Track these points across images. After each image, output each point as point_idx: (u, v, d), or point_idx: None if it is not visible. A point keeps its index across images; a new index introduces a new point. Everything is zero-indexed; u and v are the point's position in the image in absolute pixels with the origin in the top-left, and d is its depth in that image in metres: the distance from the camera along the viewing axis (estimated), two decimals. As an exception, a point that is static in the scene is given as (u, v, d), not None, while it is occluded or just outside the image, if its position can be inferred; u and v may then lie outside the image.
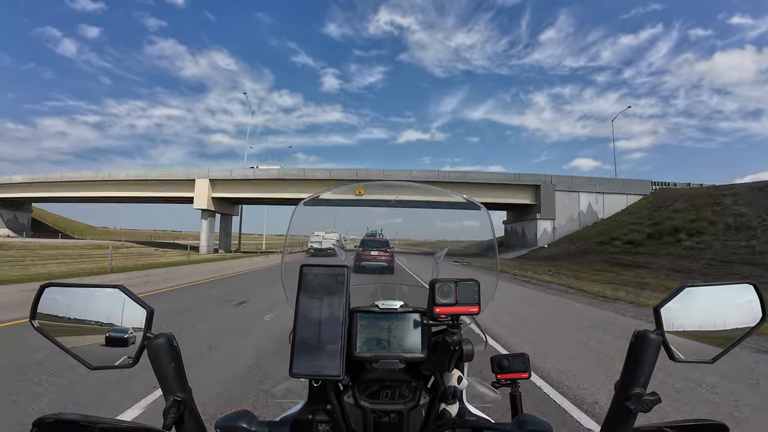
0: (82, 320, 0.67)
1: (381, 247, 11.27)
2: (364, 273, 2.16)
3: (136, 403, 3.10)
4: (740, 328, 0.69)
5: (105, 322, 0.67)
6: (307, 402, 0.89)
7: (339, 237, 10.91)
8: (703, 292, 0.70)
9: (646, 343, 0.65)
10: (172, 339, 0.66)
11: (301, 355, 0.70)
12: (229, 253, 37.87)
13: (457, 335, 0.79)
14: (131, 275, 13.58)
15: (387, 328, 0.87)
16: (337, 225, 1.44)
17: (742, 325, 0.70)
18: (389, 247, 10.59)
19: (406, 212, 1.59)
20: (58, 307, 0.67)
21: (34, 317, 0.66)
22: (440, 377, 0.86)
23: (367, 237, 3.09)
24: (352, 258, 5.53)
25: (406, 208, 1.46)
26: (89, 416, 0.61)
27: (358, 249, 5.35)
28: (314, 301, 0.74)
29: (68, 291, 0.69)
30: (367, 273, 2.94)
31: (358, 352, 0.84)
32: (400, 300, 0.92)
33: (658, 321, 0.67)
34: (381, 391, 0.89)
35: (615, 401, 0.66)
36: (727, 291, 0.71)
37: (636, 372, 0.65)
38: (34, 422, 0.58)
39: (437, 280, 0.80)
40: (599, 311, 8.68)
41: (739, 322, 0.70)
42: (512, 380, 1.00)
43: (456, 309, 0.79)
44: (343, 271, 0.76)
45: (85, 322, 0.67)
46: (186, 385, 0.66)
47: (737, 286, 0.72)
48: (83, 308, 0.68)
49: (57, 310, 0.67)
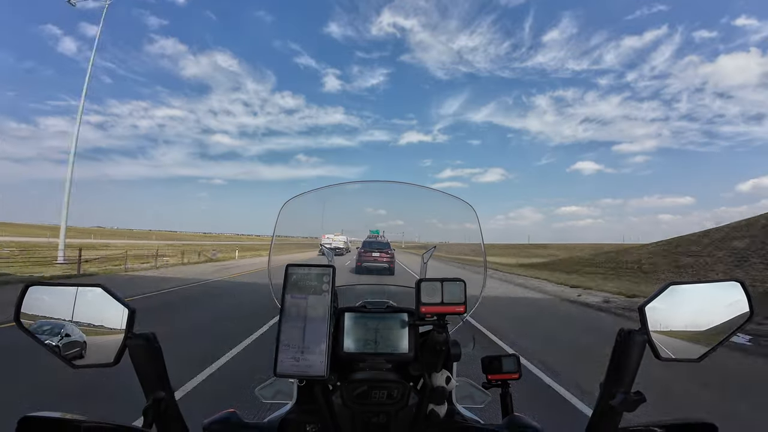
0: (64, 319, 0.67)
1: (382, 249, 11.23)
2: (368, 273, 2.17)
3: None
4: (727, 325, 0.69)
5: (87, 321, 0.67)
6: (296, 403, 0.88)
7: (346, 239, 10.97)
8: (689, 290, 0.69)
9: (630, 343, 0.65)
10: (153, 338, 0.66)
11: (286, 355, 0.70)
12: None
13: (443, 335, 0.79)
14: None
15: (374, 328, 0.87)
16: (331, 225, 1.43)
17: (729, 323, 0.69)
18: (390, 249, 10.58)
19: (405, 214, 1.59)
20: (41, 306, 0.68)
21: (18, 316, 0.66)
22: (429, 378, 0.86)
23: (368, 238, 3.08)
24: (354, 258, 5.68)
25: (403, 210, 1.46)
26: (74, 415, 0.61)
27: (359, 250, 5.39)
28: (300, 301, 0.74)
29: (51, 290, 0.69)
30: (372, 273, 2.95)
31: (345, 351, 0.84)
32: (388, 300, 0.92)
33: (643, 320, 0.67)
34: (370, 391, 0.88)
35: (599, 401, 0.66)
36: (713, 289, 0.71)
37: (621, 371, 0.65)
38: (19, 420, 0.58)
39: (423, 279, 0.80)
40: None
41: (725, 320, 0.69)
42: (503, 381, 1.00)
43: (442, 309, 0.78)
44: (329, 271, 0.76)
45: (67, 321, 0.67)
46: (167, 384, 0.65)
47: (724, 283, 0.71)
48: (66, 307, 0.68)
49: (40, 310, 0.68)
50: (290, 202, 1.04)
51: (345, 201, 1.24)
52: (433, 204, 1.18)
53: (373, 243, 8.71)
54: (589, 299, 11.86)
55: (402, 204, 1.32)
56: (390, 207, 1.45)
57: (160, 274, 15.09)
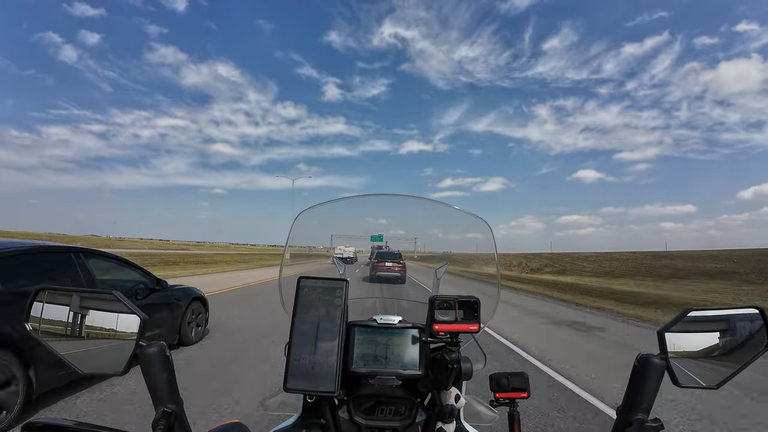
0: (74, 325, 0.66)
1: (394, 259, 11.23)
2: (379, 282, 2.17)
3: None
4: (745, 352, 0.68)
5: (97, 328, 0.66)
6: (301, 416, 0.87)
7: (354, 250, 10.94)
8: (708, 316, 0.69)
9: (649, 368, 0.64)
10: (164, 348, 0.64)
11: (296, 370, 0.69)
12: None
13: (456, 353, 0.78)
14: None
15: (384, 344, 0.86)
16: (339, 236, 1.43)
17: (747, 350, 0.68)
18: (401, 259, 10.51)
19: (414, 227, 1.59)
20: (51, 311, 0.67)
21: (27, 320, 0.65)
22: (438, 395, 0.84)
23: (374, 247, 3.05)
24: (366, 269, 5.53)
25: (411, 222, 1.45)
26: (79, 422, 0.60)
27: (372, 260, 5.39)
28: (311, 315, 0.73)
29: (62, 296, 0.68)
30: (383, 282, 2.94)
31: (355, 368, 0.83)
32: (399, 315, 0.91)
33: (662, 345, 0.66)
34: (377, 407, 0.87)
35: (616, 426, 0.64)
36: (732, 315, 0.70)
37: (638, 397, 0.63)
38: (22, 426, 0.57)
39: (437, 297, 0.79)
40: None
41: (744, 347, 0.68)
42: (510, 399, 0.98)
43: (456, 327, 0.77)
44: (342, 285, 0.75)
45: (78, 327, 0.66)
46: (177, 396, 0.64)
47: (742, 311, 0.70)
48: (77, 313, 0.67)
49: (50, 314, 0.66)
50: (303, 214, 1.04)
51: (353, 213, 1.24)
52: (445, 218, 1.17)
53: (385, 254, 8.80)
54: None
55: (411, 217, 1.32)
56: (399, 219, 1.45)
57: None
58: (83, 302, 0.67)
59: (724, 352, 0.68)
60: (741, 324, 0.69)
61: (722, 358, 0.68)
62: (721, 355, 0.68)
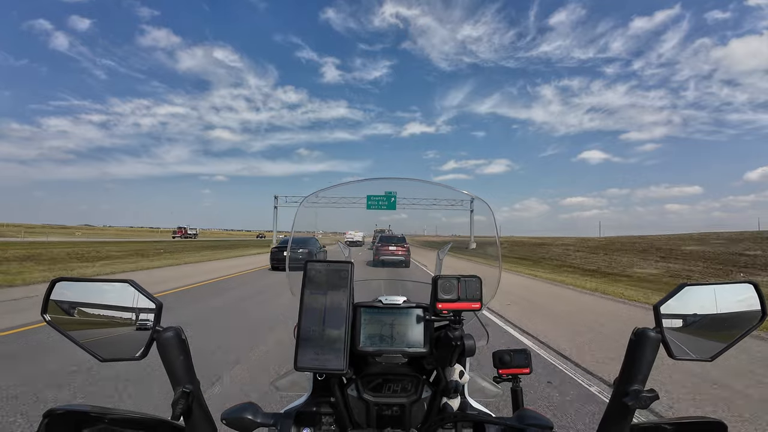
0: (92, 314, 0.69)
1: (398, 243, 11.21)
2: (383, 267, 2.19)
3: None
4: (739, 326, 0.70)
5: (114, 316, 0.69)
6: (311, 394, 0.90)
7: (363, 235, 11.00)
8: (703, 291, 0.71)
9: (645, 341, 0.66)
10: (180, 332, 0.67)
11: (305, 349, 0.71)
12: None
13: (459, 330, 0.80)
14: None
15: (390, 323, 0.88)
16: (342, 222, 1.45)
17: (741, 323, 0.70)
18: (405, 243, 10.50)
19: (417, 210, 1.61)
20: (69, 301, 0.69)
21: (45, 311, 0.68)
22: (442, 372, 0.87)
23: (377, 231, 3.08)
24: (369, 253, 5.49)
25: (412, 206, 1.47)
26: (100, 407, 0.63)
27: (377, 245, 5.38)
28: (318, 297, 0.75)
29: (79, 285, 0.70)
30: (387, 266, 2.96)
31: (362, 347, 0.86)
32: (404, 296, 0.94)
33: (658, 319, 0.68)
34: (384, 384, 0.90)
35: (613, 398, 0.67)
36: (727, 290, 0.72)
37: (634, 369, 0.66)
38: (44, 413, 0.60)
39: (440, 276, 0.81)
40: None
41: (738, 320, 0.71)
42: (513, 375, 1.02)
43: (458, 305, 0.80)
44: (347, 267, 0.77)
45: (95, 316, 0.69)
46: (194, 377, 0.68)
47: (737, 285, 0.72)
48: (93, 302, 0.69)
49: (68, 304, 0.69)
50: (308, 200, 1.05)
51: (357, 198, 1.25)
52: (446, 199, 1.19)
53: (390, 238, 8.80)
54: None
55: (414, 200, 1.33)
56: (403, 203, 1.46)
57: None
58: (100, 291, 0.70)
59: (719, 326, 0.71)
60: (735, 298, 0.71)
61: (717, 332, 0.71)
62: (715, 328, 0.71)
